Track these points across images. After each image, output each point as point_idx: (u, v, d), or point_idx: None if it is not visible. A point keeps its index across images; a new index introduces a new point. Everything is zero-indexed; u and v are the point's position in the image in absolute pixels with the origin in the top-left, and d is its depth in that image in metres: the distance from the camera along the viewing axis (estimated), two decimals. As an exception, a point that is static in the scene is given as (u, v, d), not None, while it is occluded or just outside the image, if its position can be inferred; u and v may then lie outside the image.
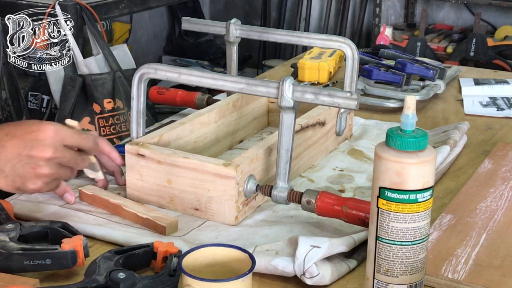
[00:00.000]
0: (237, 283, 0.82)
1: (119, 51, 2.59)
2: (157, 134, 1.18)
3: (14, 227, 0.96)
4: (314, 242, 0.94)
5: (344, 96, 1.02)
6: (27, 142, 0.96)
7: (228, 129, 1.35)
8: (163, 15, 4.26)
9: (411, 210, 0.83)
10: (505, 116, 1.61)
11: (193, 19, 1.46)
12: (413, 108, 0.82)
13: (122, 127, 2.42)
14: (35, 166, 0.97)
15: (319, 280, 0.92)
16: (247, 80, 1.09)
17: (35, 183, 0.98)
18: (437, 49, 3.45)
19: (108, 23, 3.46)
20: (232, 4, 4.40)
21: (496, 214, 1.11)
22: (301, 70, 1.79)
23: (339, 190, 1.21)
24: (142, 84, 1.15)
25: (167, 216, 1.07)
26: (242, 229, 1.07)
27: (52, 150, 0.97)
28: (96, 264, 0.90)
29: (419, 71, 1.66)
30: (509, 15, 3.56)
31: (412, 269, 0.85)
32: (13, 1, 2.43)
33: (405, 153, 0.82)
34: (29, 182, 0.98)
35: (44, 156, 0.96)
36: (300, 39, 1.38)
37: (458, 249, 1.00)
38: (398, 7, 3.87)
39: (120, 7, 2.62)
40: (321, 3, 4.05)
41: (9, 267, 0.91)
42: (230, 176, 1.06)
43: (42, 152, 0.96)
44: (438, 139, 1.37)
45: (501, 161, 1.31)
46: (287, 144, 1.07)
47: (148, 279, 0.89)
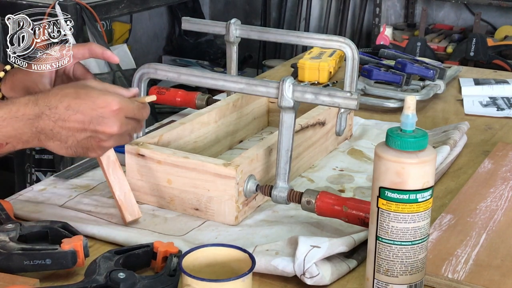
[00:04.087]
0: (237, 283, 0.82)
1: (119, 51, 2.59)
2: (157, 134, 1.18)
3: (14, 227, 0.96)
4: (314, 242, 0.94)
5: (344, 96, 1.02)
6: (93, 118, 0.97)
7: (228, 129, 1.35)
8: (163, 15, 4.26)
9: (411, 210, 0.83)
10: (505, 116, 1.61)
11: (193, 19, 1.46)
12: (413, 108, 0.82)
13: (122, 127, 2.42)
14: (99, 140, 0.99)
15: (319, 280, 0.92)
16: (247, 80, 1.09)
17: (97, 153, 1.01)
18: (437, 49, 3.45)
19: (108, 23, 3.46)
20: (232, 4, 4.40)
21: (496, 214, 1.11)
22: (301, 70, 1.79)
23: (339, 190, 1.21)
24: (142, 84, 1.15)
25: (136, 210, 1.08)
26: (242, 229, 1.07)
27: (118, 126, 0.98)
28: (96, 264, 0.90)
29: (419, 71, 1.66)
30: (509, 15, 3.56)
31: (412, 269, 0.85)
32: (13, 1, 2.43)
33: (405, 153, 0.82)
34: (92, 152, 1.00)
35: (111, 132, 0.98)
36: (300, 39, 1.38)
37: (458, 249, 1.00)
38: (398, 7, 3.87)
39: (120, 7, 2.62)
40: (321, 3, 4.05)
41: (9, 267, 0.91)
42: (230, 176, 1.06)
43: (109, 128, 0.97)
44: (438, 139, 1.37)
45: (501, 161, 1.31)
46: (287, 144, 1.07)
47: (148, 279, 0.89)
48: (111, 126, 0.98)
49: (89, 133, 0.98)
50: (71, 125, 0.97)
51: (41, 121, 0.97)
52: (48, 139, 0.98)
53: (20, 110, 0.98)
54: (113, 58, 1.19)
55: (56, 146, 0.99)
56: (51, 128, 0.97)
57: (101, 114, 0.97)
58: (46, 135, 0.98)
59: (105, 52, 1.18)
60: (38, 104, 0.98)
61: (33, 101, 0.99)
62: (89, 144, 0.99)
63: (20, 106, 0.98)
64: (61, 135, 0.98)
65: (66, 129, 0.97)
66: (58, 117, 0.97)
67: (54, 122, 0.97)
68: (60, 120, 0.97)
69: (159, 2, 2.90)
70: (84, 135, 0.98)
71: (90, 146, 0.99)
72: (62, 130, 0.97)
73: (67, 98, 0.98)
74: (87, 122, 0.97)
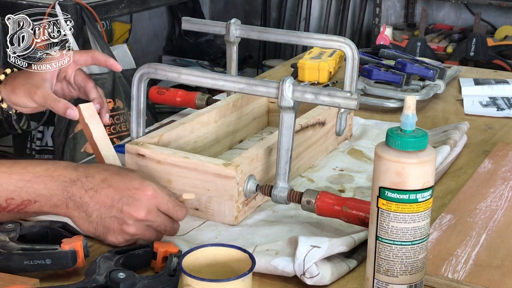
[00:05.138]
0: (237, 283, 0.82)
1: (119, 51, 2.59)
2: (157, 134, 1.18)
3: (14, 227, 0.96)
4: (314, 242, 0.94)
5: (344, 96, 1.02)
6: (123, 197, 0.94)
7: (228, 129, 1.35)
8: (163, 15, 4.26)
9: (411, 210, 0.83)
10: (505, 116, 1.61)
11: (193, 19, 1.46)
12: (413, 108, 0.82)
13: (122, 127, 2.42)
14: (122, 222, 0.95)
15: (319, 280, 0.92)
16: (247, 80, 1.09)
17: (116, 238, 0.96)
18: (437, 49, 3.45)
19: (108, 23, 3.46)
20: (232, 4, 4.40)
21: (496, 214, 1.11)
22: (301, 70, 1.79)
23: (339, 190, 1.21)
24: (142, 84, 1.15)
25: None
26: (242, 229, 1.07)
27: (145, 212, 0.94)
28: (96, 264, 0.90)
29: (419, 71, 1.66)
30: (509, 15, 3.56)
31: (412, 269, 0.85)
32: (13, 1, 2.43)
33: (405, 153, 0.82)
34: (112, 235, 0.96)
35: (136, 216, 0.94)
36: (300, 39, 1.38)
37: (458, 249, 1.00)
38: (398, 7, 3.87)
39: (120, 7, 2.62)
40: (321, 3, 4.05)
41: (9, 267, 0.91)
42: (230, 176, 1.06)
43: (135, 211, 0.94)
44: (438, 139, 1.37)
45: (501, 161, 1.31)
46: (287, 144, 1.07)
47: (148, 279, 0.89)
48: (138, 209, 0.94)
49: (115, 212, 0.95)
50: (101, 198, 0.95)
51: (74, 186, 0.95)
52: (75, 208, 0.95)
53: (57, 170, 0.96)
54: (116, 66, 1.18)
55: (80, 217, 0.96)
56: (81, 196, 0.95)
57: (132, 195, 0.94)
58: (75, 203, 0.95)
59: (108, 60, 1.17)
60: (77, 170, 0.96)
61: (73, 166, 0.97)
62: (112, 225, 0.95)
63: (59, 167, 0.96)
64: (88, 206, 0.95)
65: (95, 201, 0.95)
66: (92, 187, 0.95)
67: (85, 191, 0.95)
68: (92, 190, 0.95)
69: (159, 2, 2.90)
70: (110, 213, 0.95)
71: (113, 227, 0.95)
72: (90, 201, 0.95)
73: (106, 172, 0.96)
74: (116, 199, 0.94)
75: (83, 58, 1.17)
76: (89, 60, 1.18)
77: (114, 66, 1.19)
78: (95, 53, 1.18)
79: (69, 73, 1.19)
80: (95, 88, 1.19)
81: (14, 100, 1.18)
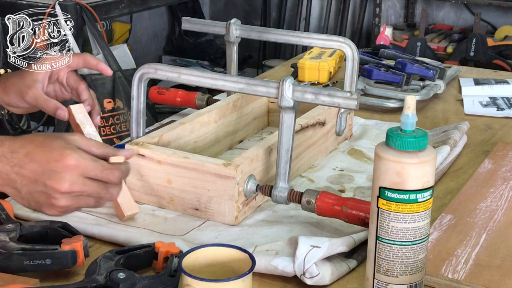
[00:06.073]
0: (237, 283, 0.82)
1: (119, 51, 2.59)
2: (157, 134, 1.18)
3: (14, 227, 0.96)
4: (314, 242, 0.94)
5: (344, 96, 1.02)
6: (45, 171, 0.91)
7: (228, 129, 1.35)
8: (163, 15, 4.26)
9: (411, 210, 0.83)
10: (505, 116, 1.61)
11: (193, 19, 1.46)
12: (413, 108, 0.82)
13: (122, 127, 2.42)
14: (50, 196, 0.92)
15: (319, 280, 0.92)
16: (247, 80, 1.09)
17: (50, 211, 0.95)
18: (437, 49, 3.45)
19: (108, 23, 3.46)
20: (232, 4, 4.40)
21: (496, 214, 1.11)
22: (301, 70, 1.79)
23: (339, 190, 1.21)
24: (142, 84, 1.15)
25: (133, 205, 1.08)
26: (242, 229, 1.07)
27: (68, 183, 0.91)
28: (97, 264, 0.90)
29: (419, 71, 1.66)
30: (509, 15, 3.56)
31: (412, 269, 0.85)
32: (13, 1, 2.43)
33: (405, 153, 0.82)
34: (45, 209, 0.95)
35: (59, 189, 0.91)
36: (300, 39, 1.38)
37: (458, 249, 1.00)
38: (398, 7, 3.87)
39: (120, 7, 2.62)
40: (321, 3, 4.05)
41: (9, 267, 0.91)
42: (230, 176, 1.06)
43: (58, 185, 0.91)
44: (438, 139, 1.37)
45: (501, 161, 1.31)
46: (287, 144, 1.07)
47: (148, 279, 0.89)
48: (61, 182, 0.91)
49: (41, 187, 0.92)
50: (26, 173, 0.92)
51: (0, 163, 0.92)
52: (4, 184, 0.93)
53: None
54: (106, 71, 1.20)
55: (12, 193, 0.94)
56: (7, 173, 0.92)
57: (53, 167, 0.91)
58: (3, 180, 0.93)
59: (99, 64, 1.18)
60: (3, 145, 0.93)
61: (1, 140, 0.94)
62: (41, 199, 0.93)
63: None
64: (16, 182, 0.93)
65: (21, 177, 0.92)
66: (16, 162, 0.92)
67: (11, 167, 0.92)
68: (17, 166, 0.92)
69: (159, 2, 2.90)
70: (37, 187, 0.92)
71: (43, 201, 0.93)
72: (17, 178, 0.92)
73: (31, 144, 0.93)
74: (39, 173, 0.91)
75: (75, 61, 1.18)
76: (81, 63, 1.19)
77: (104, 70, 1.20)
78: (87, 57, 1.20)
79: (61, 75, 1.20)
80: (87, 90, 1.19)
81: (6, 100, 1.19)
